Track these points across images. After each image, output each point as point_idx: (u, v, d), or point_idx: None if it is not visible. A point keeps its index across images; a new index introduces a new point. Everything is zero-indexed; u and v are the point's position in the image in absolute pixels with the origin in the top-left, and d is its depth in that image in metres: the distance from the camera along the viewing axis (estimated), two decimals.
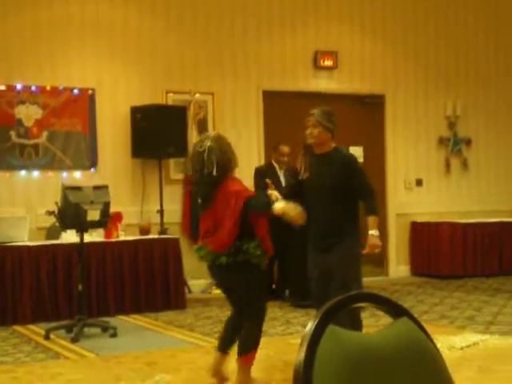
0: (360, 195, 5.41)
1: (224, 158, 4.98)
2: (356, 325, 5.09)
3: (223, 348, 5.22)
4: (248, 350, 5.07)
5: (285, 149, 9.37)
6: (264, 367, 5.78)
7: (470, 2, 12.09)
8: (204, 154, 4.93)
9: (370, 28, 11.37)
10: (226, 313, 8.27)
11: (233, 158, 5.07)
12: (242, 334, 5.14)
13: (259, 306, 5.10)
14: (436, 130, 11.86)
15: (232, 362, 5.22)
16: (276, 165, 9.37)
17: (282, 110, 10.75)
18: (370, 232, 5.29)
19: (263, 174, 9.17)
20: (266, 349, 6.19)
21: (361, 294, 1.87)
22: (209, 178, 4.92)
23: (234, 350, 5.20)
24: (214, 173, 4.91)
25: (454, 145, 11.93)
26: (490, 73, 12.26)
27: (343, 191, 5.34)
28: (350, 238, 5.34)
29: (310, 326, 1.75)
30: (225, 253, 4.96)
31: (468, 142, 12.03)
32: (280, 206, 4.80)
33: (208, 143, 4.99)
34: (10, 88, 9.29)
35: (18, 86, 9.31)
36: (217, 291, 9.84)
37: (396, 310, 1.86)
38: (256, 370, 5.57)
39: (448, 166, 11.92)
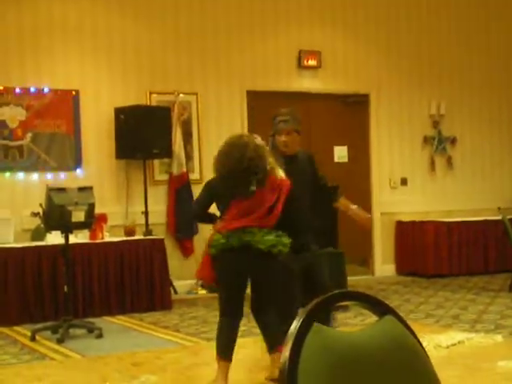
0: (324, 185, 5.60)
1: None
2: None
3: (230, 356, 5.11)
4: (282, 341, 5.09)
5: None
6: (250, 367, 5.78)
7: (452, 3, 12.13)
8: (263, 147, 5.00)
9: (352, 28, 11.39)
10: (211, 313, 8.29)
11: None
12: (274, 329, 5.10)
13: (290, 298, 5.17)
14: (420, 129, 11.89)
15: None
16: None
17: (266, 110, 10.73)
18: (355, 206, 5.42)
19: None
20: (252, 349, 6.19)
21: (346, 292, 1.87)
22: (264, 171, 4.94)
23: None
24: (268, 167, 4.96)
25: (439, 143, 11.96)
26: (472, 72, 12.30)
27: (314, 187, 5.46)
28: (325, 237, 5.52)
29: (295, 324, 1.75)
30: (265, 241, 4.95)
31: (453, 141, 12.07)
32: None
33: (262, 141, 5.08)
34: None
35: (2, 88, 9.26)
36: (202, 291, 9.85)
37: (381, 309, 1.86)
38: (242, 371, 5.57)
39: (433, 164, 11.96)
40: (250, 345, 6.36)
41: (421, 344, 1.87)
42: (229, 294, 5.12)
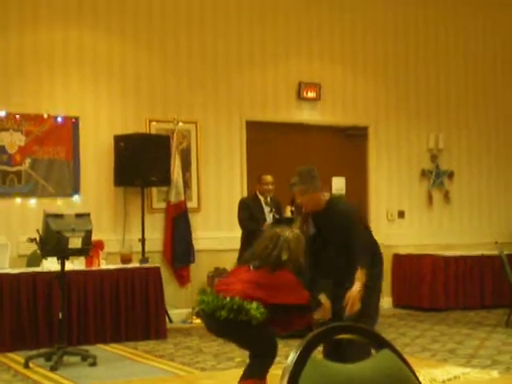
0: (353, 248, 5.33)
1: (294, 252, 5.20)
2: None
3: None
4: (250, 377, 5.08)
5: (268, 178, 9.37)
6: None
7: (450, 37, 12.23)
8: (280, 238, 5.18)
9: (351, 61, 11.46)
10: (206, 343, 8.25)
11: (297, 259, 5.25)
12: (248, 363, 5.17)
13: (263, 351, 5.11)
14: (418, 163, 11.92)
15: None
16: (261, 197, 9.33)
17: (265, 141, 10.79)
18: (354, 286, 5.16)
19: (248, 206, 9.18)
20: None
21: (343, 325, 1.87)
22: (275, 259, 5.13)
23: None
24: (283, 258, 5.12)
25: (437, 177, 11.99)
26: (469, 106, 12.37)
27: (345, 244, 5.32)
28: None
29: (292, 356, 1.74)
30: (228, 307, 4.96)
31: (450, 175, 12.10)
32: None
33: (288, 234, 5.23)
34: None
35: (2, 113, 9.29)
36: (197, 321, 9.82)
37: (378, 342, 1.86)
38: None
39: (430, 198, 11.98)
40: None
41: (417, 378, 1.86)
42: None
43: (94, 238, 7.43)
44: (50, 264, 7.91)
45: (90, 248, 7.19)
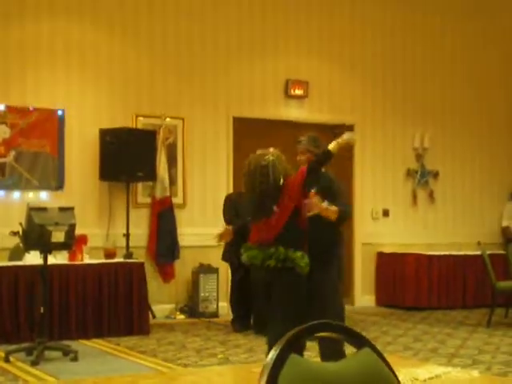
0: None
1: (286, 171, 5.37)
2: (338, 356, 4.99)
3: None
4: None
5: None
6: None
7: (437, 36, 12.26)
8: (269, 166, 5.29)
9: (339, 59, 11.46)
10: (190, 338, 8.24)
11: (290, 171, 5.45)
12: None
13: (290, 311, 5.23)
14: (404, 162, 11.95)
15: None
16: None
17: (252, 137, 10.78)
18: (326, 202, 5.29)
19: (233, 203, 9.15)
20: (228, 376, 6.15)
21: (323, 323, 1.86)
22: (275, 188, 5.28)
23: None
24: (281, 182, 5.28)
25: (421, 177, 12.02)
26: (456, 106, 12.41)
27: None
28: (331, 266, 5.42)
29: (272, 354, 1.73)
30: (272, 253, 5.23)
31: (435, 175, 12.13)
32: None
33: (271, 157, 5.34)
34: None
35: None
36: (181, 316, 9.82)
37: (358, 341, 1.85)
38: None
39: (415, 197, 12.01)
40: (226, 373, 6.31)
41: (397, 378, 1.86)
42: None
43: (78, 232, 7.39)
44: (33, 258, 7.87)
45: (72, 242, 7.15)
